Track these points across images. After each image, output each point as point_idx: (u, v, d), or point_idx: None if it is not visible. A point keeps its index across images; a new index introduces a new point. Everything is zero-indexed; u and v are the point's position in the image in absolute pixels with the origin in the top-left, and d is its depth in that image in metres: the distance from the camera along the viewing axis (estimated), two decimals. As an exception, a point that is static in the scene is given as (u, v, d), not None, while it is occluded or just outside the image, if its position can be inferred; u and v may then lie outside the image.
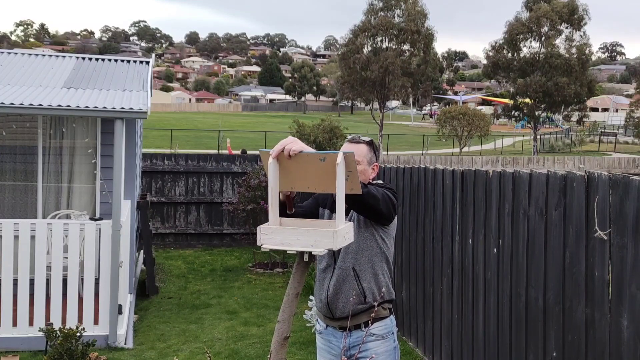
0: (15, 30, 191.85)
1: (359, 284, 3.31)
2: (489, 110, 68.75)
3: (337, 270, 3.34)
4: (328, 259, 3.41)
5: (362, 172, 3.29)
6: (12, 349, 6.37)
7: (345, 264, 3.33)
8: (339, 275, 3.33)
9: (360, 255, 3.34)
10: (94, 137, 8.14)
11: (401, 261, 6.78)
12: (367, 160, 3.37)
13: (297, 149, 2.67)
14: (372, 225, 3.32)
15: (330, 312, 3.36)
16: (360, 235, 3.32)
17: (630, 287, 3.31)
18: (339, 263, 3.35)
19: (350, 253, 3.32)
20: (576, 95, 34.12)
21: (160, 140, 36.19)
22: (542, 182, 4.14)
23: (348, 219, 3.32)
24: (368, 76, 36.03)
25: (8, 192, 8.10)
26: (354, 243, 3.20)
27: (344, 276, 3.33)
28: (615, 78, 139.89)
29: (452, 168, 5.56)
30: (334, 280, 3.35)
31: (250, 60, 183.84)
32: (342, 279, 3.33)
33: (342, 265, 3.33)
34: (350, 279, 3.33)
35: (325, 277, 3.41)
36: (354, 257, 3.32)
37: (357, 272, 3.33)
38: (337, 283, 3.34)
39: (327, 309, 3.37)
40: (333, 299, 3.34)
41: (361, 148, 3.38)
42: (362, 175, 3.29)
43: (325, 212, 3.46)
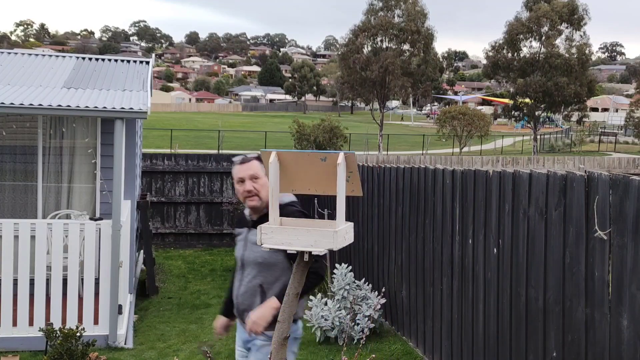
0: (15, 30, 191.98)
1: (263, 301, 3.40)
2: (489, 110, 68.75)
3: (247, 283, 3.48)
4: (240, 263, 3.55)
5: (264, 185, 3.41)
6: (12, 349, 6.37)
7: (255, 279, 3.45)
8: (247, 288, 3.47)
9: (269, 272, 3.42)
10: (94, 137, 8.14)
11: (401, 261, 6.78)
12: (263, 173, 3.43)
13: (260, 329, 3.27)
14: None
15: (239, 316, 3.56)
16: (270, 255, 3.36)
17: (630, 287, 3.31)
18: (247, 277, 3.48)
19: (260, 269, 3.44)
20: (576, 95, 34.12)
21: (160, 140, 36.18)
22: (542, 182, 4.14)
23: (243, 239, 3.55)
24: (368, 76, 36.05)
25: (8, 192, 8.10)
26: (261, 259, 3.40)
27: (252, 290, 3.46)
28: (615, 78, 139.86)
29: (452, 168, 5.56)
30: (242, 290, 3.50)
31: (250, 60, 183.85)
32: (249, 293, 3.46)
33: (252, 280, 3.46)
34: (257, 295, 3.44)
35: (237, 284, 3.57)
36: (263, 273, 3.43)
37: (264, 289, 3.43)
38: (245, 295, 3.49)
39: (237, 313, 3.58)
40: (241, 307, 3.51)
41: (254, 165, 3.47)
42: (264, 188, 3.40)
43: (243, 231, 3.57)
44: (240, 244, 3.59)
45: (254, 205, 3.45)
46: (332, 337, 6.74)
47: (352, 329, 6.61)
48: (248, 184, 3.41)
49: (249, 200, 3.44)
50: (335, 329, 6.69)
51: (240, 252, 3.56)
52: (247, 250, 3.49)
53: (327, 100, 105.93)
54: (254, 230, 3.41)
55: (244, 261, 3.52)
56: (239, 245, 3.59)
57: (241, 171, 3.45)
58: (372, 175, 7.68)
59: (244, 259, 3.51)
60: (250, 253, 3.47)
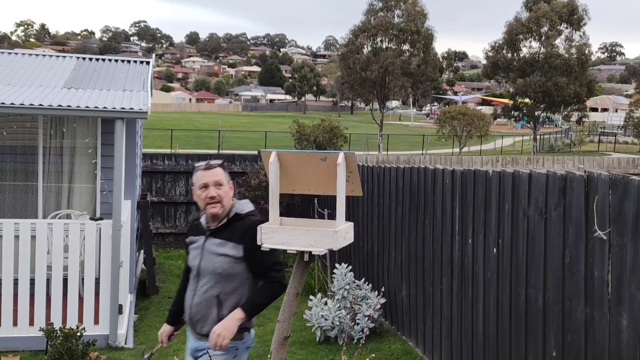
0: (15, 31, 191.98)
1: (219, 312, 3.33)
2: (489, 111, 68.74)
3: (202, 294, 3.37)
4: (195, 272, 3.43)
5: (227, 193, 3.38)
6: (12, 348, 6.37)
7: (212, 290, 3.35)
8: (203, 299, 3.37)
9: (228, 283, 3.35)
10: (94, 137, 8.14)
11: (401, 261, 6.79)
12: (227, 180, 3.41)
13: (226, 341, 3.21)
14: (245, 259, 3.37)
15: (192, 326, 3.46)
16: (231, 265, 3.34)
17: (629, 287, 3.32)
18: (203, 287, 3.37)
19: (218, 279, 3.34)
20: (576, 95, 34.12)
21: (160, 140, 36.17)
22: (541, 182, 4.14)
23: (199, 247, 3.44)
24: (368, 76, 36.04)
25: (8, 192, 8.11)
26: (220, 269, 3.33)
27: (208, 301, 3.36)
28: (615, 78, 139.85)
29: (452, 168, 5.56)
30: (197, 300, 3.39)
31: (251, 61, 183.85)
32: (204, 303, 3.36)
33: (208, 291, 3.36)
34: (213, 305, 3.35)
35: (190, 294, 3.44)
36: (221, 284, 3.34)
37: (220, 300, 3.35)
38: (200, 306, 3.38)
39: (189, 323, 3.46)
40: (194, 317, 3.41)
41: (218, 172, 3.40)
42: (227, 196, 3.38)
43: (199, 240, 3.47)
44: (194, 252, 3.46)
45: (215, 213, 3.36)
46: (332, 336, 6.75)
47: (352, 329, 6.62)
48: (212, 190, 3.33)
49: (210, 207, 3.34)
50: (335, 329, 6.70)
51: (195, 261, 3.44)
52: (205, 259, 3.38)
53: (327, 100, 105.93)
54: (213, 240, 3.37)
55: (200, 271, 3.40)
56: (193, 254, 3.48)
57: (205, 177, 3.35)
58: (372, 175, 7.69)
59: (200, 268, 3.40)
60: (208, 263, 3.36)
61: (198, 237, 3.46)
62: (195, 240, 3.47)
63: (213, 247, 3.35)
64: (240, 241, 3.33)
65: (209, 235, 3.40)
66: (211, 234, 3.39)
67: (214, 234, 3.38)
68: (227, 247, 3.33)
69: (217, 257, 3.33)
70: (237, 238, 3.33)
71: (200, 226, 3.47)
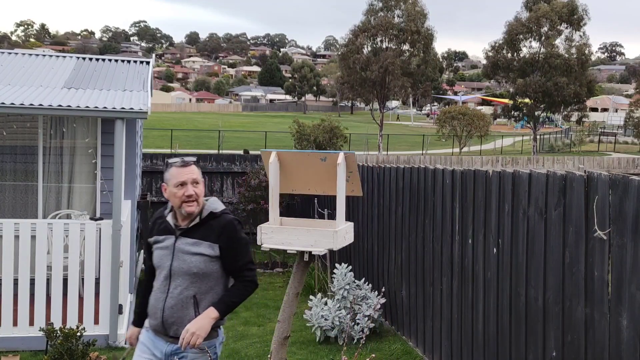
0: (15, 31, 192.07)
1: (196, 312, 3.25)
2: (489, 111, 68.73)
3: (177, 295, 3.26)
4: (165, 274, 3.30)
5: (202, 191, 3.30)
6: (12, 348, 6.37)
7: (188, 290, 3.25)
8: (178, 300, 3.25)
9: (204, 282, 3.27)
10: (94, 137, 8.14)
11: (401, 261, 6.79)
12: (201, 178, 3.32)
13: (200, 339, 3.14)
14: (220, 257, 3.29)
15: (164, 330, 3.30)
16: (206, 264, 3.27)
17: (629, 287, 3.32)
18: (178, 288, 3.26)
19: (193, 279, 3.25)
20: (576, 95, 34.13)
21: (160, 140, 36.18)
22: (541, 182, 4.14)
23: (168, 247, 3.31)
24: (368, 76, 36.06)
25: (8, 192, 8.11)
26: (195, 269, 3.24)
27: (183, 302, 3.26)
28: (615, 78, 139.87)
29: (452, 168, 5.56)
30: (171, 302, 3.26)
31: (251, 61, 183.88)
32: (180, 305, 3.25)
33: (183, 292, 3.25)
34: (189, 306, 3.26)
35: (160, 296, 3.30)
36: (197, 284, 3.26)
37: (197, 300, 3.27)
38: (175, 308, 3.26)
39: (161, 326, 3.30)
40: (168, 320, 3.27)
41: (194, 169, 3.30)
42: (202, 195, 3.30)
43: (167, 240, 3.33)
44: (161, 252, 3.32)
45: (192, 211, 3.26)
46: (332, 336, 6.75)
47: (352, 329, 6.62)
48: (190, 188, 3.23)
49: (187, 206, 3.23)
50: (335, 329, 6.70)
51: (165, 262, 3.29)
52: (178, 260, 3.26)
53: (327, 100, 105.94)
54: (185, 239, 3.27)
55: (172, 272, 3.27)
56: (160, 254, 3.32)
57: (183, 174, 3.25)
58: (372, 175, 7.69)
59: (172, 269, 3.27)
60: (181, 263, 3.25)
61: (165, 237, 3.33)
62: (162, 240, 3.34)
63: (187, 247, 3.26)
64: (217, 240, 3.26)
65: (180, 234, 3.29)
66: (183, 233, 3.28)
67: (186, 234, 3.29)
68: (202, 247, 3.25)
69: (191, 256, 3.25)
70: (213, 237, 3.26)
71: (168, 225, 3.34)
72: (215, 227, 3.27)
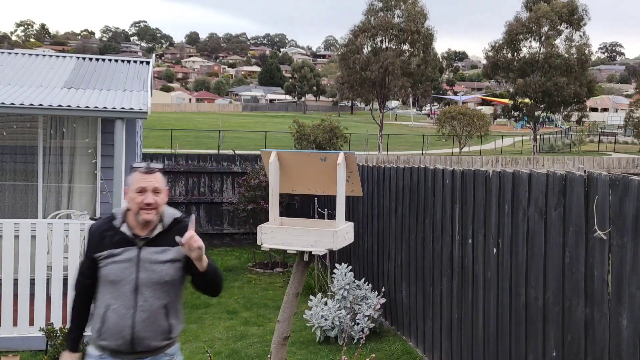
0: (15, 31, 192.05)
1: (167, 321, 3.16)
2: (489, 111, 68.75)
3: (148, 307, 3.11)
4: (130, 287, 3.11)
5: (163, 200, 3.16)
6: (12, 348, 6.37)
7: (159, 301, 3.13)
8: (150, 313, 3.11)
9: (172, 289, 3.19)
10: (94, 137, 8.15)
11: (401, 261, 6.79)
12: (164, 186, 3.18)
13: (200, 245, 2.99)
14: (182, 260, 3.18)
15: (132, 347, 3.12)
16: (175, 271, 3.18)
17: (629, 287, 3.32)
18: (148, 300, 3.11)
19: (165, 288, 3.15)
20: (576, 95, 34.13)
21: (160, 140, 36.19)
22: (541, 182, 4.14)
23: (131, 259, 3.13)
24: (368, 76, 36.06)
25: (8, 192, 8.11)
26: (167, 277, 3.13)
27: (156, 314, 3.13)
28: (615, 78, 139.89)
29: (452, 168, 5.56)
30: (142, 316, 3.10)
31: (250, 61, 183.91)
32: (152, 317, 3.12)
33: (155, 303, 3.12)
34: (161, 316, 3.14)
35: (126, 312, 3.09)
36: (167, 292, 3.16)
37: (168, 309, 3.17)
38: (147, 322, 3.11)
39: (129, 345, 3.11)
40: (139, 335, 3.11)
41: (158, 177, 3.15)
42: (162, 203, 3.17)
43: (128, 251, 3.14)
44: (122, 266, 3.11)
45: (149, 219, 3.11)
46: (332, 336, 6.75)
47: (352, 329, 6.62)
48: (150, 197, 3.08)
49: (145, 213, 3.08)
50: (335, 329, 6.70)
51: (128, 275, 3.10)
52: (145, 271, 3.11)
53: (327, 100, 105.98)
54: (151, 249, 3.14)
55: (139, 284, 3.09)
56: (120, 268, 3.11)
57: (144, 181, 3.09)
58: (372, 175, 7.69)
59: (139, 282, 3.10)
60: (150, 274, 3.11)
61: (123, 249, 3.12)
62: (119, 253, 3.11)
63: (154, 256, 3.12)
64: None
65: (144, 244, 3.13)
66: (147, 243, 3.13)
67: (150, 243, 3.14)
68: (170, 253, 3.14)
69: (161, 265, 3.13)
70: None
71: (124, 236, 3.14)
72: (182, 231, 3.13)
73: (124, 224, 3.16)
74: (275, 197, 3.01)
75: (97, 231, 3.19)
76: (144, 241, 3.14)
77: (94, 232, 3.20)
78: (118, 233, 3.14)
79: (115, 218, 3.20)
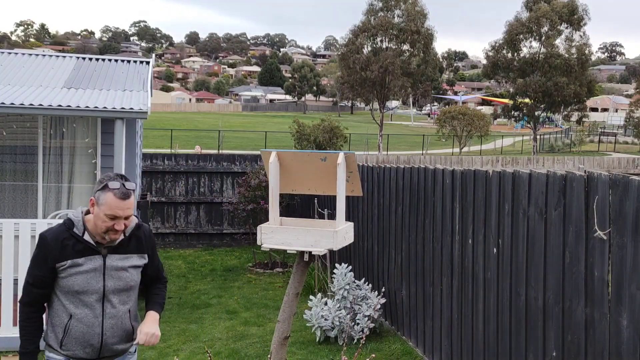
0: (15, 31, 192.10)
1: (131, 324, 3.21)
2: (489, 110, 68.77)
3: (115, 314, 3.12)
4: (97, 296, 3.08)
5: (131, 221, 3.10)
6: (12, 349, 6.37)
7: (125, 306, 3.16)
8: (118, 319, 3.14)
9: (133, 294, 3.23)
10: (94, 137, 8.14)
11: (401, 261, 6.79)
12: (133, 210, 3.09)
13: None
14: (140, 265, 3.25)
15: (100, 354, 3.14)
16: (138, 275, 3.23)
17: (630, 287, 3.32)
18: (115, 307, 3.12)
19: (129, 293, 3.19)
20: (576, 95, 34.15)
21: (160, 140, 36.21)
22: (541, 182, 4.14)
23: (96, 269, 3.09)
24: (368, 76, 36.06)
25: (8, 192, 8.11)
26: (133, 282, 3.18)
27: (122, 319, 3.16)
28: (615, 78, 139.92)
29: (452, 168, 5.56)
30: (111, 322, 3.11)
31: (250, 61, 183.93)
32: (120, 323, 3.15)
33: (121, 309, 3.14)
34: (126, 320, 3.18)
35: (94, 321, 3.07)
36: (131, 297, 3.20)
37: (131, 312, 3.22)
38: (116, 327, 3.14)
39: (98, 351, 3.12)
40: (109, 342, 3.13)
41: (131, 203, 3.04)
42: (129, 225, 3.11)
43: (92, 260, 3.07)
44: (87, 276, 3.04)
45: (115, 239, 3.08)
46: (332, 336, 6.75)
47: (352, 329, 6.62)
48: (121, 224, 3.02)
49: (112, 234, 3.02)
50: (335, 329, 6.70)
51: (94, 284, 3.05)
52: (112, 279, 3.08)
53: (327, 100, 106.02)
54: (115, 256, 3.10)
55: (106, 292, 3.07)
56: (85, 278, 3.03)
57: (119, 209, 2.98)
58: (372, 175, 7.69)
59: (106, 289, 3.07)
60: (117, 281, 3.10)
61: (86, 259, 3.04)
62: (82, 263, 3.03)
63: (120, 263, 3.11)
64: (145, 250, 3.23)
65: (108, 252, 3.09)
66: (111, 250, 3.10)
67: (114, 250, 3.11)
68: (133, 259, 3.17)
69: (126, 272, 3.14)
70: (142, 248, 3.21)
71: (88, 245, 3.05)
72: (142, 237, 3.21)
73: (85, 232, 3.05)
74: (275, 197, 3.01)
75: (56, 239, 3.03)
76: (107, 249, 3.09)
77: (51, 240, 3.02)
78: (80, 242, 3.04)
79: (74, 225, 3.07)
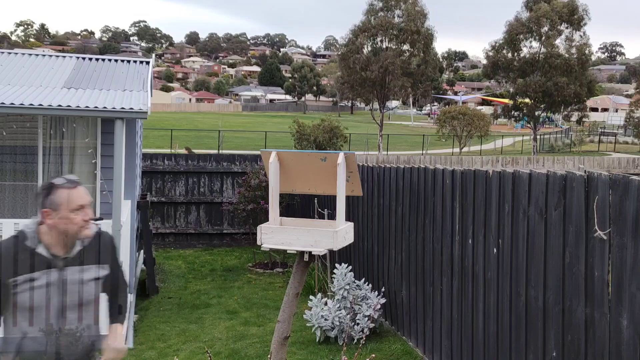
0: (15, 31, 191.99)
1: (90, 340, 3.01)
2: (489, 110, 68.75)
3: (74, 331, 2.94)
4: (54, 313, 2.90)
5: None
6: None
7: (84, 321, 2.97)
8: (75, 337, 2.95)
9: (92, 307, 3.00)
10: (94, 137, 8.14)
11: (401, 261, 6.79)
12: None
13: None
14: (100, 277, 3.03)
15: None
16: (97, 288, 3.01)
17: (630, 287, 3.32)
18: (74, 322, 2.94)
19: (87, 308, 2.98)
20: (576, 95, 34.13)
21: (160, 140, 36.20)
22: (541, 182, 4.14)
23: (54, 283, 2.90)
24: (368, 76, 36.05)
25: (8, 192, 8.11)
26: (91, 297, 2.97)
27: (80, 336, 2.96)
28: (615, 78, 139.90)
29: (452, 168, 5.56)
30: (67, 340, 2.93)
31: (250, 61, 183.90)
32: (76, 340, 2.96)
33: (79, 325, 2.96)
34: (85, 337, 2.97)
35: (49, 339, 2.91)
36: (89, 312, 2.99)
37: (90, 328, 3.01)
38: (72, 345, 2.94)
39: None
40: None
41: (85, 189, 2.90)
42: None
43: (49, 274, 2.89)
44: (44, 290, 2.83)
45: (89, 234, 2.90)
46: (332, 337, 6.75)
47: (352, 329, 6.62)
48: (89, 212, 2.85)
49: (85, 229, 2.85)
50: (335, 329, 6.70)
51: (50, 298, 2.85)
52: (70, 294, 2.88)
53: (327, 100, 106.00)
54: (72, 269, 2.89)
55: (65, 307, 2.88)
56: (41, 294, 2.83)
57: (79, 197, 2.81)
58: (372, 175, 7.69)
59: (65, 304, 2.88)
60: (73, 296, 2.88)
61: (42, 273, 2.83)
62: (37, 277, 2.82)
63: (78, 276, 2.90)
64: (106, 260, 3.01)
65: (64, 265, 2.88)
66: (67, 263, 2.88)
67: (71, 262, 2.89)
68: (92, 271, 2.95)
69: (85, 285, 2.93)
70: (102, 258, 2.99)
71: (42, 259, 2.83)
72: (102, 246, 3.00)
73: (40, 245, 2.84)
74: (275, 197, 3.01)
75: (8, 253, 2.82)
76: (64, 261, 2.87)
77: (3, 254, 2.82)
78: (34, 255, 2.82)
79: (26, 237, 2.85)
